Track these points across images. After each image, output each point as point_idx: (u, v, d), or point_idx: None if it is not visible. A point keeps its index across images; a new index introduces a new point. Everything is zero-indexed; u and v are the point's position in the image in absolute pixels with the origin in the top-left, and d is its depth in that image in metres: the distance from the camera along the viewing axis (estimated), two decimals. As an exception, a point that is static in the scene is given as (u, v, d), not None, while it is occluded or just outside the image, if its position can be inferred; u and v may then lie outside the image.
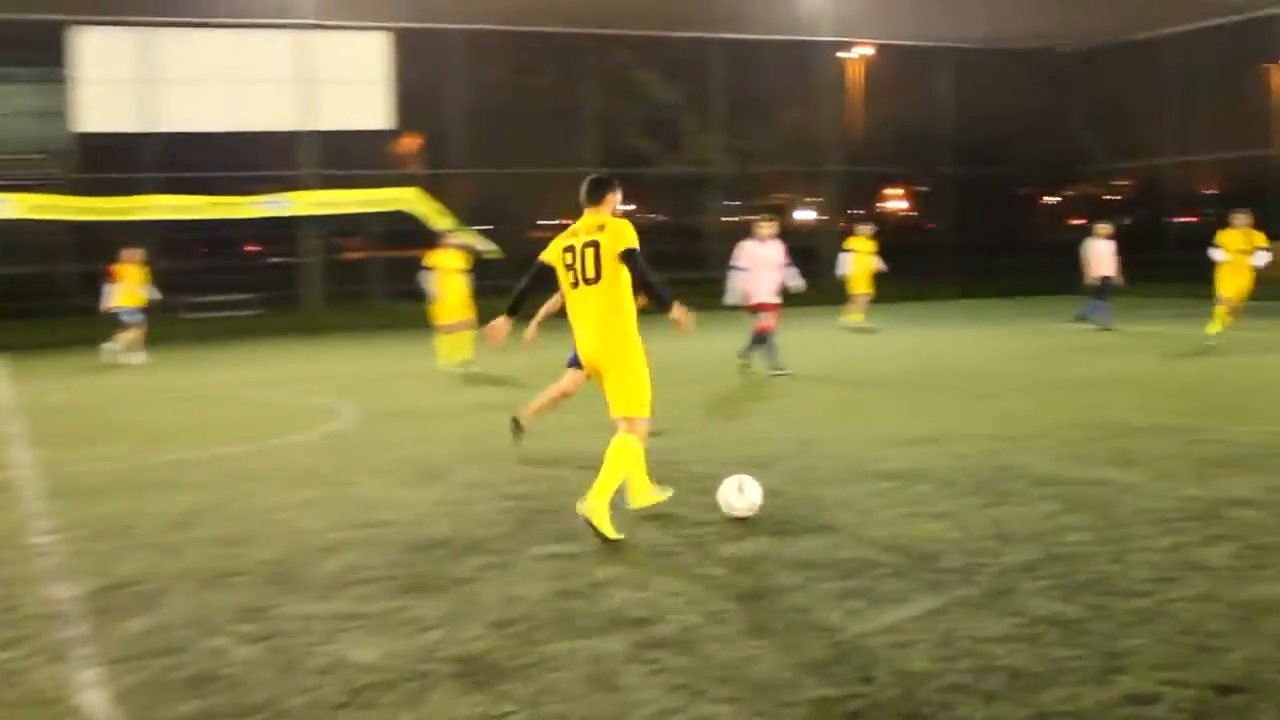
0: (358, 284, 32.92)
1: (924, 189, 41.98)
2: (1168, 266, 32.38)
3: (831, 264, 28.97)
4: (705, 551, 7.13)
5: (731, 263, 16.50)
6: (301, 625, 5.99)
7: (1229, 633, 5.48)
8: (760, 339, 16.33)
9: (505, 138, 32.76)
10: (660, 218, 40.90)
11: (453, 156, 32.98)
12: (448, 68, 32.67)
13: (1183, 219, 37.71)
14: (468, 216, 30.82)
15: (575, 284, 7.78)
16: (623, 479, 7.71)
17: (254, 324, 29.03)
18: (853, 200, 38.58)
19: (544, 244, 8.06)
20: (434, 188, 31.86)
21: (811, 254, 36.64)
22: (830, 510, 8.06)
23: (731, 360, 16.93)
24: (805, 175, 38.13)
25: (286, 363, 21.10)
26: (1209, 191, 38.66)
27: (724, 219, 36.44)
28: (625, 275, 7.69)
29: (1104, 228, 23.11)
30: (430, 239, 21.65)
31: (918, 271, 33.15)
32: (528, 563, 7.01)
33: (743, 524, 7.71)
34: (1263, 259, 19.27)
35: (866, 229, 25.25)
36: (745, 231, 16.97)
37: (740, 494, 7.89)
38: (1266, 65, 35.48)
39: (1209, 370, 15.95)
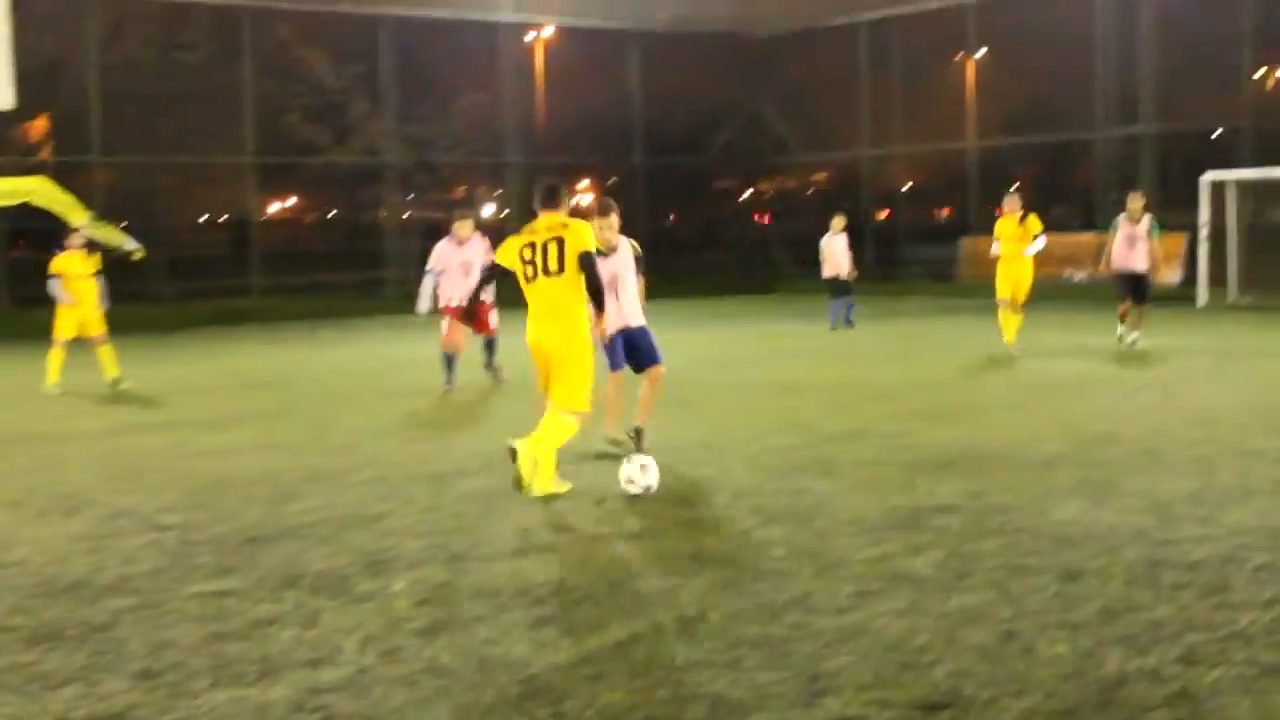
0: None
1: (613, 180, 42.54)
2: (868, 264, 33.74)
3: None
4: (382, 581, 7.00)
5: (427, 267, 15.90)
6: (-92, 688, 5.60)
7: (933, 646, 5.71)
8: (490, 343, 15.87)
9: (151, 121, 31.56)
10: (327, 213, 40.38)
11: (88, 142, 31.54)
12: (81, 39, 31.22)
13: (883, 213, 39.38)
14: (107, 210, 29.50)
15: (533, 277, 9.04)
16: (559, 446, 8.96)
17: None
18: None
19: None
20: (65, 178, 30.32)
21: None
22: (517, 532, 8.05)
23: (422, 369, 16.73)
24: (488, 167, 38.12)
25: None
26: (906, 187, 40.50)
27: (406, 215, 36.17)
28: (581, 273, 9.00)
29: (839, 221, 23.98)
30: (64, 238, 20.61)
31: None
32: (180, 603, 6.74)
33: (423, 551, 7.62)
34: (1038, 245, 18.54)
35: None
36: (435, 229, 16.67)
37: (642, 473, 8.89)
38: (962, 57, 37.40)
39: (914, 372, 16.67)
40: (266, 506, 9.07)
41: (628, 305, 10.78)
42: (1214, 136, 33.97)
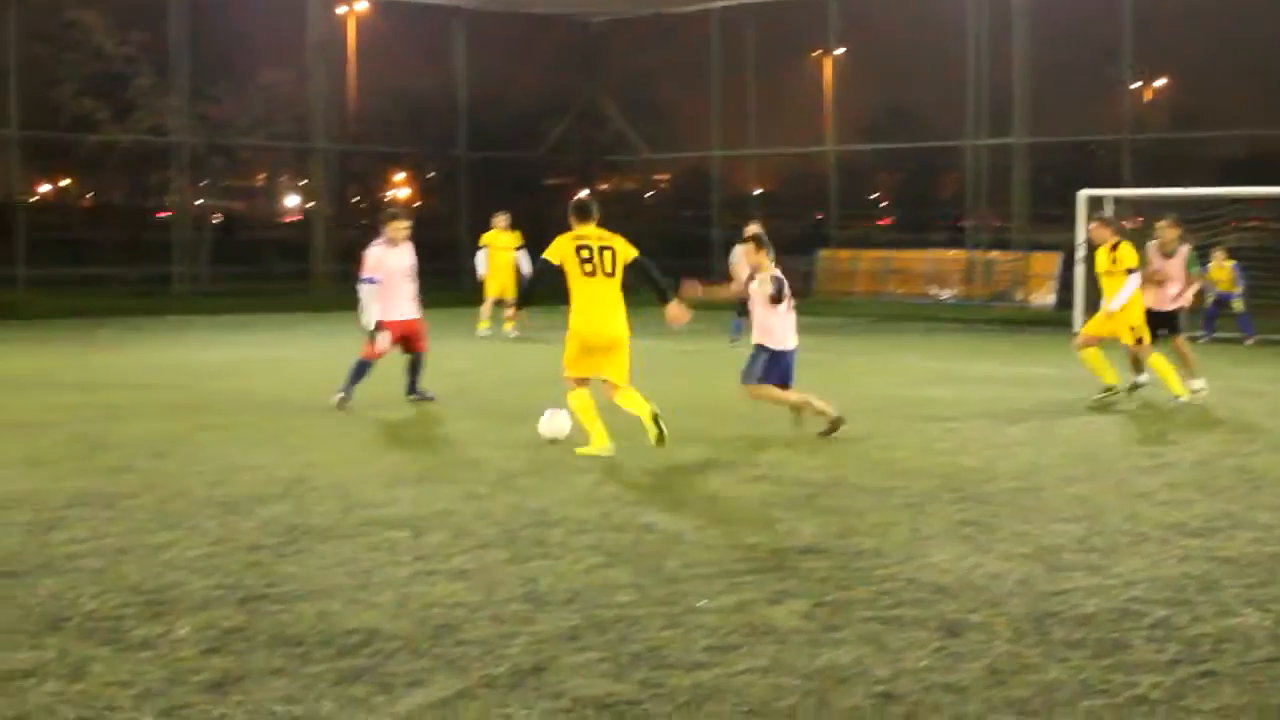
0: None
1: (433, 174, 42.21)
2: (716, 275, 33.84)
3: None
4: (163, 626, 6.67)
5: (362, 275, 15.11)
6: None
7: (803, 710, 5.58)
8: (364, 367, 14.98)
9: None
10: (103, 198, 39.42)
11: None
12: None
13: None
14: None
15: (593, 274, 11.76)
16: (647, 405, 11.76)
17: None
18: (352, 185, 38.33)
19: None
20: None
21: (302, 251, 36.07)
22: (323, 570, 7.76)
23: (212, 377, 16.26)
24: (292, 152, 37.54)
25: None
26: (759, 190, 40.79)
27: (200, 202, 35.43)
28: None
29: (752, 228, 23.74)
30: None
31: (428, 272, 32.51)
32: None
33: (213, 590, 7.29)
34: (1127, 293, 15.29)
35: (503, 219, 25.33)
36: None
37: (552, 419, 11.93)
38: (819, 54, 37.83)
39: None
40: (25, 535, 8.64)
41: (755, 326, 13.40)
42: (1090, 149, 34.84)
